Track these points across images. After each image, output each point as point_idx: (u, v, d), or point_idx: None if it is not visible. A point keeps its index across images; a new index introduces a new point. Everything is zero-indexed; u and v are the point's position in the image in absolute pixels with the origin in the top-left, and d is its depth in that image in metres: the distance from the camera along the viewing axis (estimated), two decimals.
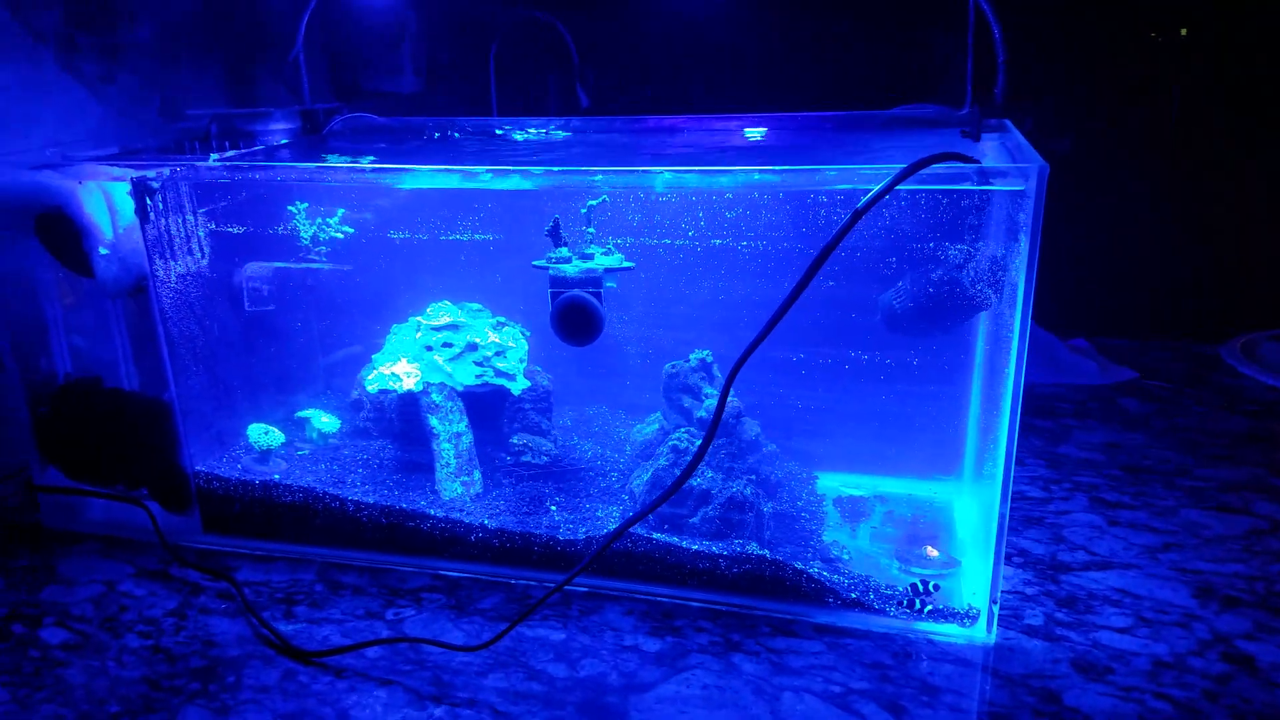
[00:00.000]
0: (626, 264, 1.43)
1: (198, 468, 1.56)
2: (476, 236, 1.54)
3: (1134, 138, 2.34)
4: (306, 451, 1.72)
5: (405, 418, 1.65)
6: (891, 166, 1.13)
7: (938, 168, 1.14)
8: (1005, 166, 1.18)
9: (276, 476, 1.57)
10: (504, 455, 1.65)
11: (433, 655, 1.27)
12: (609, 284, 1.41)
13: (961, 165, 1.15)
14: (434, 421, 1.60)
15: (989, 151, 1.32)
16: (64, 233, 1.42)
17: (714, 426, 1.19)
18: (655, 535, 1.40)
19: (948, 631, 1.29)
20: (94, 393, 1.57)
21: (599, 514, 1.51)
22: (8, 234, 1.48)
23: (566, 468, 1.65)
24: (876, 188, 1.11)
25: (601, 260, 1.42)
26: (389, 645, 1.30)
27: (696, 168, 1.27)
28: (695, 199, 1.40)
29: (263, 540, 1.54)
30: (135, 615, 1.38)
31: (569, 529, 1.46)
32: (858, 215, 1.11)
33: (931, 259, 1.35)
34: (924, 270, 1.38)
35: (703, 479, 1.44)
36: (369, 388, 1.65)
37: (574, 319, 1.40)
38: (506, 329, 1.69)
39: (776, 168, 1.23)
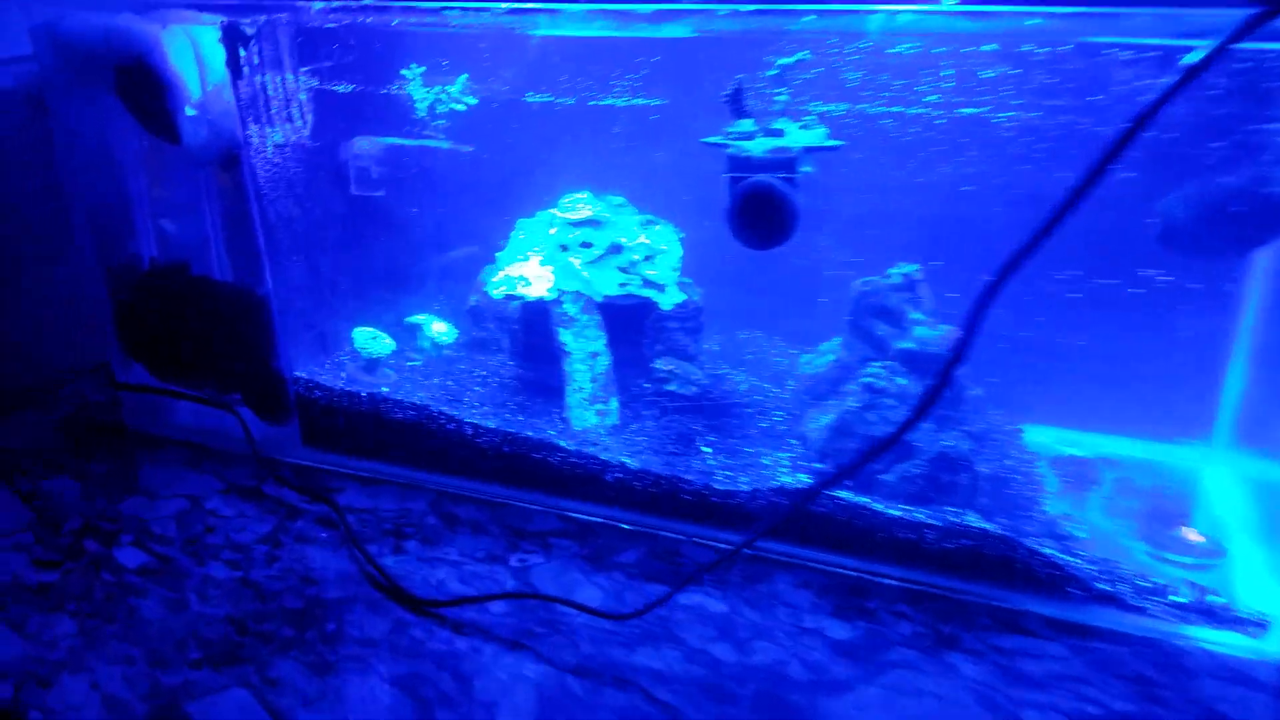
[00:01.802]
0: (832, 142, 1.13)
1: (297, 373, 1.38)
2: (632, 101, 1.26)
3: None
4: (419, 362, 1.52)
5: (532, 330, 1.43)
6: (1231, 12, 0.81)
7: None
8: None
9: (385, 389, 1.37)
10: (645, 382, 1.40)
11: (566, 616, 1.06)
12: (806, 168, 1.12)
13: None
14: (567, 337, 1.36)
15: None
16: (146, 88, 1.23)
17: (952, 364, 0.91)
18: (841, 494, 1.13)
19: (1223, 640, 1.00)
20: (181, 280, 1.38)
21: (764, 460, 1.25)
22: (86, 91, 1.27)
23: (718, 401, 1.39)
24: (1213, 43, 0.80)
25: (798, 136, 1.12)
26: (516, 601, 1.09)
27: (943, 8, 0.96)
28: (942, 52, 1.08)
29: (368, 460, 1.37)
30: (222, 539, 1.21)
31: (727, 477, 1.21)
32: (1192, 74, 0.80)
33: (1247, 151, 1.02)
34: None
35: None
36: (492, 292, 1.41)
37: (760, 213, 1.10)
38: (658, 228, 1.42)
39: (1058, 9, 0.91)
